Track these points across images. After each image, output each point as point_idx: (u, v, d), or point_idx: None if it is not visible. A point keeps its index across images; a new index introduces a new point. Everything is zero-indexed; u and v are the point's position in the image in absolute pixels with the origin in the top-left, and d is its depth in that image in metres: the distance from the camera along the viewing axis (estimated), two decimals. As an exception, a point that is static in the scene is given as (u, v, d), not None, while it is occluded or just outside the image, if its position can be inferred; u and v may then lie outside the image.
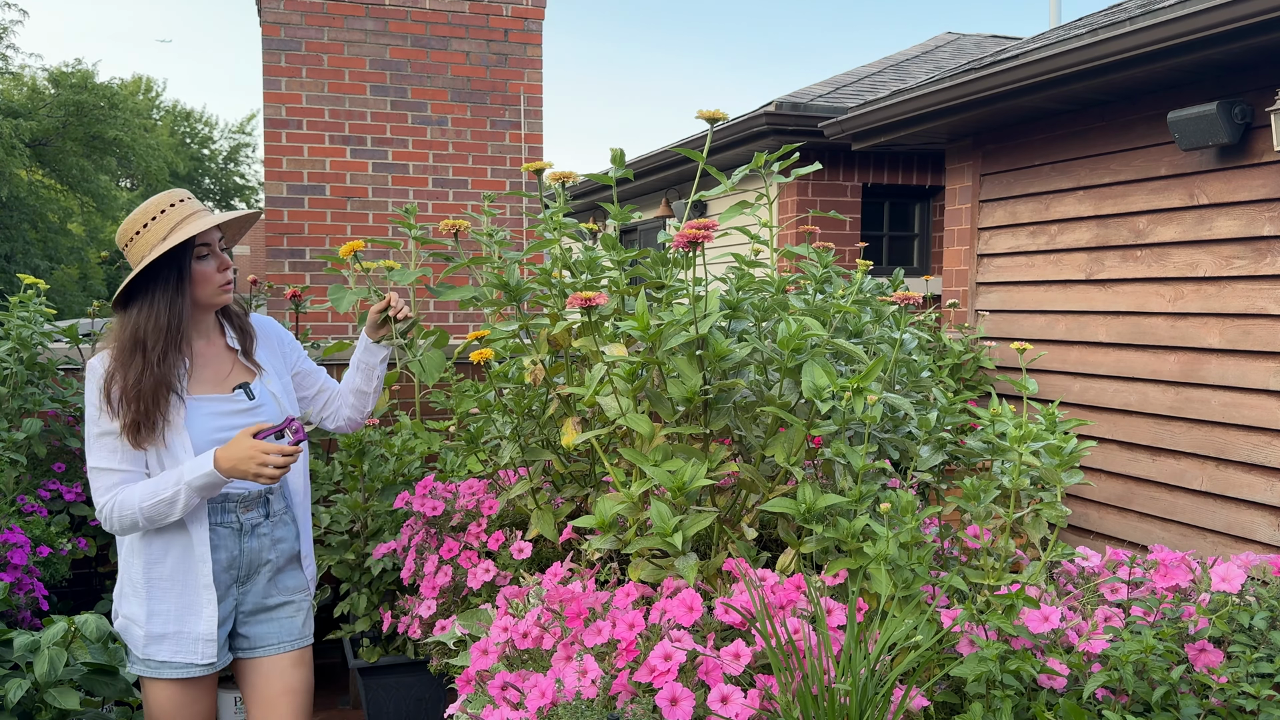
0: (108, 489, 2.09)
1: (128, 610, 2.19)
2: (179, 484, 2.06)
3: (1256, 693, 1.63)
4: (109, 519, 2.09)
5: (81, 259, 27.23)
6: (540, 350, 2.53)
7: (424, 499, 2.88)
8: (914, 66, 8.21)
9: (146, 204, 2.13)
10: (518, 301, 2.54)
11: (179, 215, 2.12)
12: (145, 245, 2.11)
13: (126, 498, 2.08)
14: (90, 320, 4.33)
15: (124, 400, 2.05)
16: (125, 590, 2.20)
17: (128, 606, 2.20)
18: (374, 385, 2.49)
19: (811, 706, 1.61)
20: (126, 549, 2.20)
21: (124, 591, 2.21)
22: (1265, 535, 3.63)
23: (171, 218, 2.11)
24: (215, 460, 2.06)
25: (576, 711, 1.69)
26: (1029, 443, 1.94)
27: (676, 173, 8.48)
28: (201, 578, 2.15)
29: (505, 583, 2.61)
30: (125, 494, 2.08)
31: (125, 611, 2.20)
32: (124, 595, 2.21)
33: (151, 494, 2.07)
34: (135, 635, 2.18)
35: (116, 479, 2.09)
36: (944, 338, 4.61)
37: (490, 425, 2.62)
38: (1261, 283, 3.66)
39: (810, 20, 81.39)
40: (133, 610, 2.18)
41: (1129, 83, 3.99)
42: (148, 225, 2.11)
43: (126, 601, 2.20)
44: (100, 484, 2.10)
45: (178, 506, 2.07)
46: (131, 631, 2.19)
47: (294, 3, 5.15)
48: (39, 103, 24.13)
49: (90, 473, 2.10)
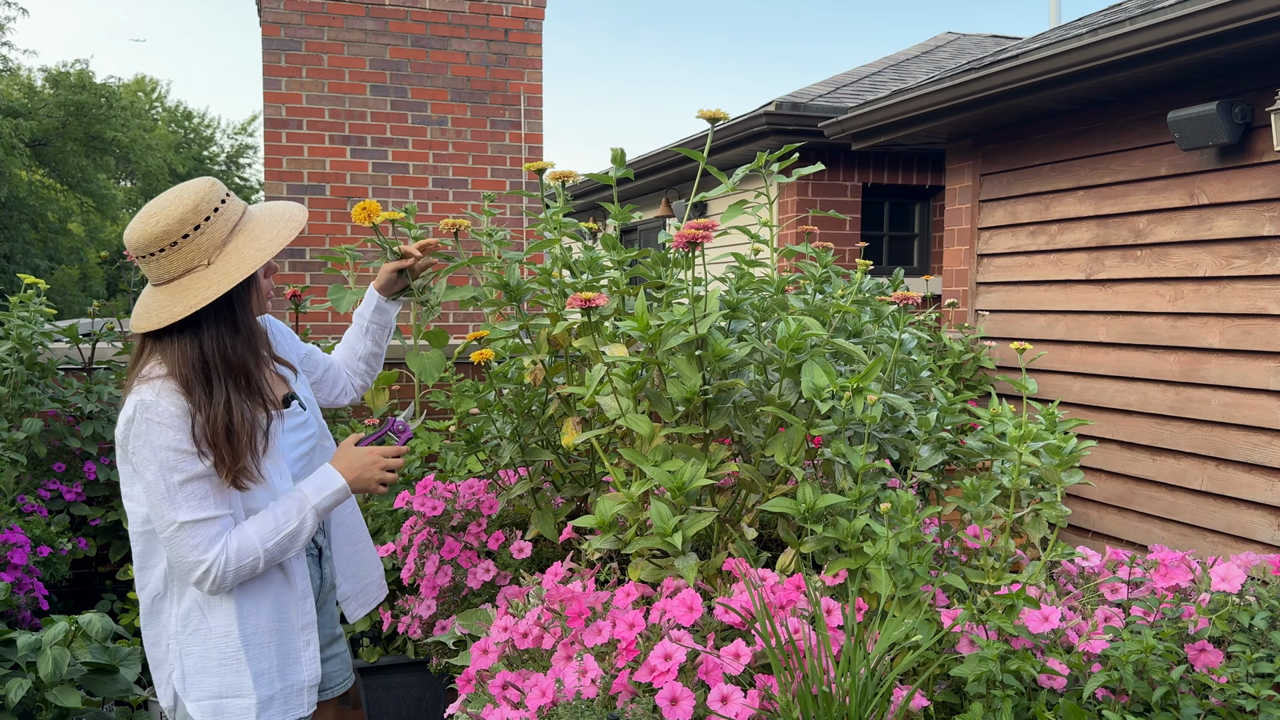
0: (211, 541, 1.71)
1: (220, 686, 1.79)
2: (303, 510, 1.81)
3: (1256, 693, 1.63)
4: (221, 576, 1.72)
5: (81, 259, 27.23)
6: (540, 350, 2.53)
7: (424, 499, 2.88)
8: (914, 66, 8.21)
9: (186, 199, 1.73)
10: (518, 301, 2.53)
11: (233, 215, 1.78)
12: (206, 250, 1.74)
13: (244, 544, 1.74)
14: (90, 320, 4.33)
15: (221, 435, 1.71)
16: (209, 664, 1.79)
17: (217, 682, 1.79)
18: (384, 345, 2.35)
19: (811, 706, 1.61)
20: (200, 616, 1.79)
21: (206, 666, 1.79)
22: (1265, 535, 3.63)
23: (228, 219, 1.77)
24: (340, 475, 1.87)
25: (576, 711, 1.69)
26: (1029, 443, 1.94)
27: (676, 172, 8.48)
28: (301, 618, 1.86)
29: (505, 582, 2.62)
30: (238, 542, 1.74)
31: (215, 689, 1.79)
32: (206, 670, 1.79)
33: (273, 530, 1.77)
34: (239, 709, 1.80)
35: (218, 528, 1.73)
36: (944, 338, 4.61)
37: (490, 425, 2.62)
38: (1261, 283, 3.67)
39: (810, 20, 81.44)
40: (232, 682, 1.79)
41: (1129, 83, 3.99)
42: (199, 227, 1.73)
43: (213, 677, 1.79)
44: (199, 539, 1.70)
45: (301, 538, 1.80)
46: (231, 709, 1.80)
47: (294, 3, 5.16)
48: (38, 102, 24.13)
49: (178, 531, 1.70)
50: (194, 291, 1.72)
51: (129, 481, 1.81)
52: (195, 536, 1.70)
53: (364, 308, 2.33)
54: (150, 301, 1.76)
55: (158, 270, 1.74)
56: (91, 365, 3.92)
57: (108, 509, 3.66)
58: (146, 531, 1.81)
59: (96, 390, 3.67)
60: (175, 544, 1.71)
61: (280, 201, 1.93)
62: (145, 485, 1.71)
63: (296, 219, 1.85)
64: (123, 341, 3.86)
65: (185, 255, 1.73)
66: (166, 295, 1.74)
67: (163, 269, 1.74)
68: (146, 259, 1.74)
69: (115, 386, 3.76)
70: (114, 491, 3.70)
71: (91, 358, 3.92)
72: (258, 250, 1.76)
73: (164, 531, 1.71)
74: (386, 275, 2.32)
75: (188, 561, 1.71)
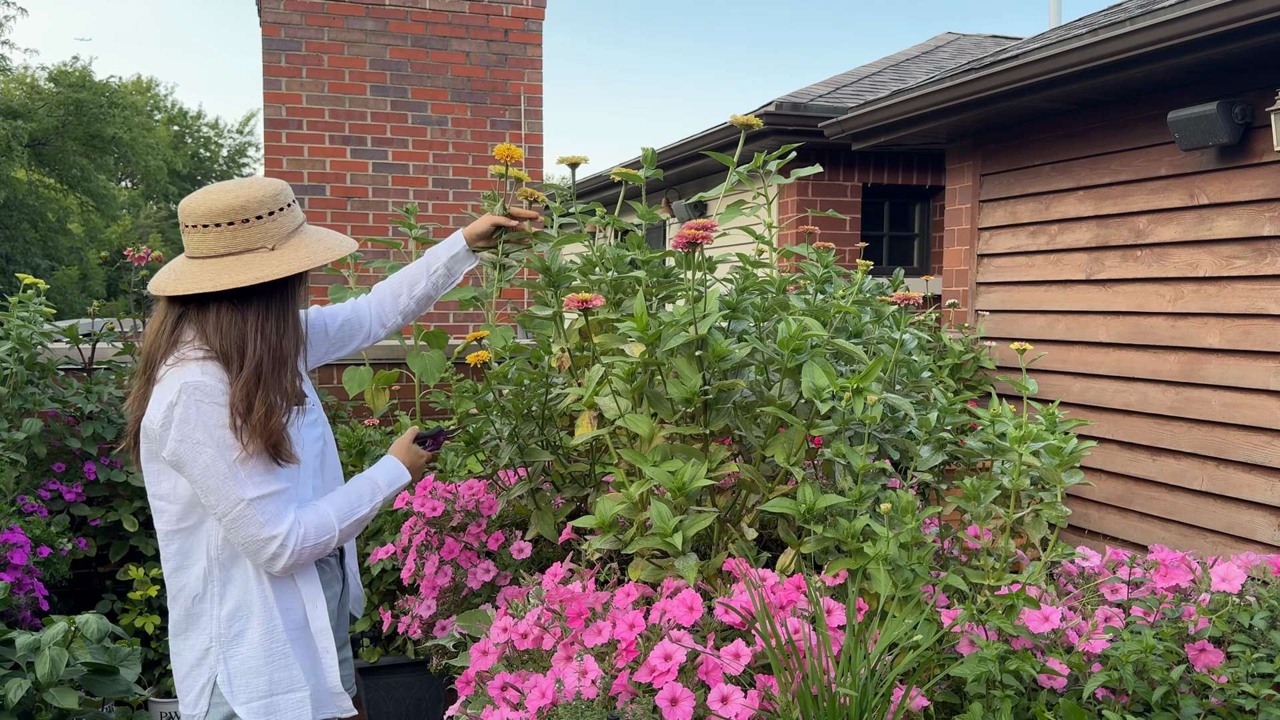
0: (280, 514, 1.69)
1: (269, 683, 1.74)
2: (374, 496, 1.82)
3: (1256, 692, 1.63)
4: (298, 550, 1.70)
5: (81, 259, 27.23)
6: (570, 339, 2.52)
7: (424, 499, 2.88)
8: (914, 66, 8.21)
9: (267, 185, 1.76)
10: (556, 287, 2.52)
11: (299, 217, 1.83)
12: (273, 235, 1.74)
13: (322, 521, 1.73)
14: (90, 320, 4.33)
15: (263, 417, 1.67)
16: (256, 663, 1.73)
17: (267, 680, 1.73)
18: (438, 297, 2.29)
19: (811, 707, 1.61)
20: (245, 616, 1.74)
21: (253, 666, 1.73)
22: (1265, 535, 3.63)
23: (296, 217, 1.81)
24: (407, 470, 1.90)
25: (576, 712, 1.69)
26: (1029, 443, 1.94)
27: (677, 173, 8.48)
28: (316, 620, 1.82)
29: (505, 583, 2.62)
30: (316, 517, 1.73)
31: (265, 687, 1.74)
32: (255, 670, 1.73)
33: (350, 510, 1.78)
34: (293, 703, 1.76)
35: (284, 500, 1.70)
36: (944, 338, 4.61)
37: (489, 426, 2.62)
38: (1261, 283, 3.66)
39: (810, 20, 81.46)
40: (282, 678, 1.75)
41: (1129, 83, 3.99)
42: (274, 214, 1.75)
43: (262, 676, 1.73)
44: (268, 514, 1.68)
45: (366, 522, 1.81)
46: (284, 705, 1.75)
47: (294, 3, 5.16)
48: (38, 101, 24.14)
49: (246, 509, 1.66)
50: (256, 267, 1.70)
51: (159, 479, 1.74)
52: (265, 512, 1.67)
53: (442, 249, 2.26)
54: (194, 270, 1.72)
55: (216, 242, 1.71)
56: (91, 365, 3.92)
57: (108, 509, 3.66)
58: (183, 529, 1.75)
59: (96, 390, 3.67)
60: (244, 523, 1.66)
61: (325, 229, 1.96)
62: (200, 469, 1.65)
63: (350, 242, 1.88)
64: (123, 342, 3.86)
65: (253, 234, 1.72)
66: (217, 268, 1.70)
67: (223, 242, 1.71)
68: (208, 228, 1.71)
69: (115, 386, 3.76)
70: (114, 491, 3.70)
71: (91, 358, 3.92)
72: (326, 249, 1.79)
73: (230, 513, 1.66)
74: (486, 225, 2.30)
75: (260, 538, 1.67)
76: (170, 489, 1.73)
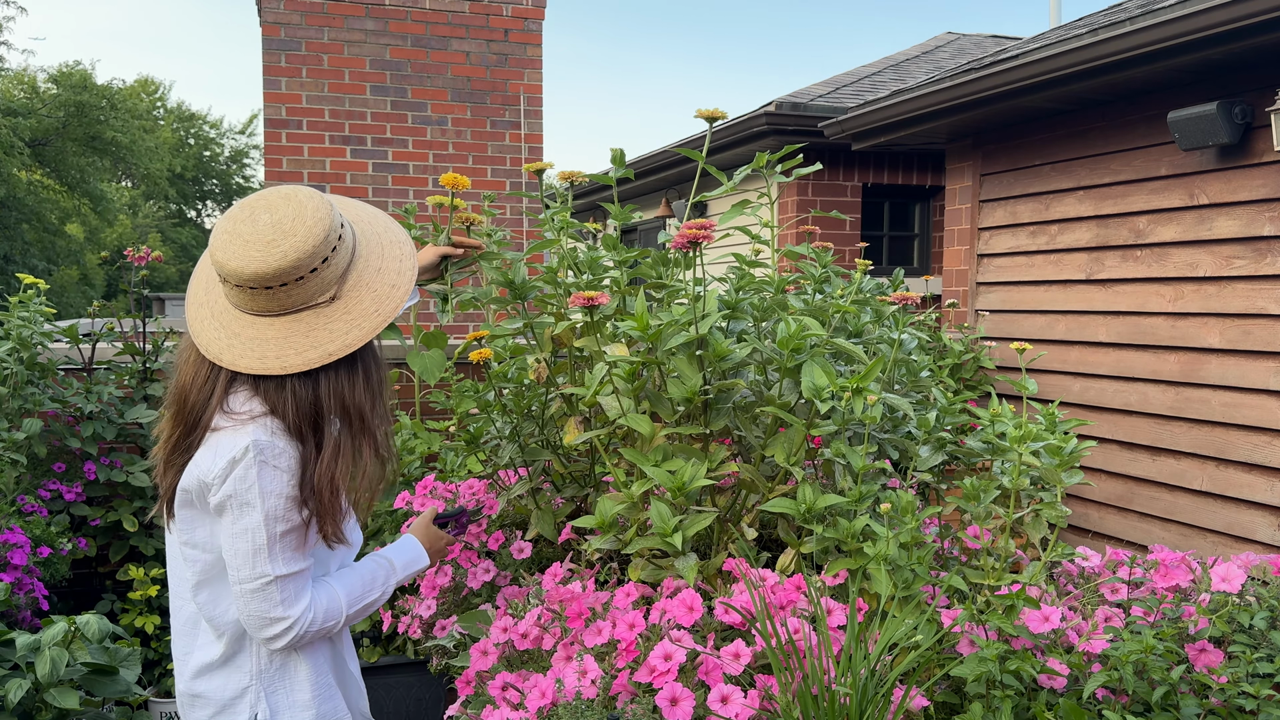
0: (297, 595, 1.56)
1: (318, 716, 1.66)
2: (388, 582, 1.74)
3: (1256, 692, 1.63)
4: (302, 634, 1.57)
5: (80, 260, 27.24)
6: (544, 349, 2.53)
7: (424, 499, 2.88)
8: (914, 66, 8.21)
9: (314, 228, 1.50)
10: (523, 299, 2.53)
11: (350, 238, 1.62)
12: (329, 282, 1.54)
13: (332, 606, 1.62)
14: (90, 320, 4.33)
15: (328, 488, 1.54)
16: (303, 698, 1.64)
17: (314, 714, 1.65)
18: None
19: (811, 707, 1.61)
20: None
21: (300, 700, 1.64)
22: (1265, 535, 3.63)
23: (348, 243, 1.59)
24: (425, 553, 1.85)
25: (576, 711, 1.69)
26: (1029, 443, 1.94)
27: (677, 173, 8.48)
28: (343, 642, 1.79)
29: (505, 583, 2.62)
30: (328, 601, 1.62)
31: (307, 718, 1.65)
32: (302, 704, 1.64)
33: (360, 596, 1.67)
34: None
35: (303, 581, 1.58)
36: (944, 338, 4.61)
37: (490, 425, 2.62)
38: (1261, 283, 3.66)
39: (810, 20, 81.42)
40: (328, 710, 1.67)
41: (1129, 83, 3.99)
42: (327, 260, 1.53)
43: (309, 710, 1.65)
44: (287, 594, 1.55)
45: (375, 608, 1.72)
46: None
47: (294, 3, 5.16)
48: (39, 101, 24.15)
49: (266, 585, 1.53)
50: (322, 331, 1.52)
51: (193, 525, 1.59)
52: (285, 591, 1.54)
53: None
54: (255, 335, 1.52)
55: (269, 301, 1.50)
56: (91, 365, 3.92)
57: (108, 509, 3.67)
58: (214, 577, 1.62)
59: (96, 390, 3.67)
60: (259, 598, 1.53)
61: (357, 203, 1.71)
62: (238, 530, 1.51)
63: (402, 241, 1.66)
64: (123, 342, 3.86)
65: (308, 290, 1.51)
66: (282, 330, 1.51)
67: (277, 302, 1.51)
68: (255, 290, 1.49)
69: (115, 386, 3.76)
70: (114, 491, 3.70)
71: (91, 358, 3.92)
72: (390, 288, 1.57)
73: (250, 583, 1.52)
74: (432, 256, 2.21)
75: (269, 616, 1.54)
76: (206, 537, 1.59)
